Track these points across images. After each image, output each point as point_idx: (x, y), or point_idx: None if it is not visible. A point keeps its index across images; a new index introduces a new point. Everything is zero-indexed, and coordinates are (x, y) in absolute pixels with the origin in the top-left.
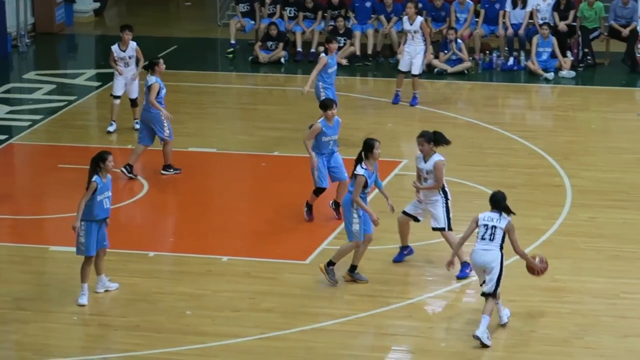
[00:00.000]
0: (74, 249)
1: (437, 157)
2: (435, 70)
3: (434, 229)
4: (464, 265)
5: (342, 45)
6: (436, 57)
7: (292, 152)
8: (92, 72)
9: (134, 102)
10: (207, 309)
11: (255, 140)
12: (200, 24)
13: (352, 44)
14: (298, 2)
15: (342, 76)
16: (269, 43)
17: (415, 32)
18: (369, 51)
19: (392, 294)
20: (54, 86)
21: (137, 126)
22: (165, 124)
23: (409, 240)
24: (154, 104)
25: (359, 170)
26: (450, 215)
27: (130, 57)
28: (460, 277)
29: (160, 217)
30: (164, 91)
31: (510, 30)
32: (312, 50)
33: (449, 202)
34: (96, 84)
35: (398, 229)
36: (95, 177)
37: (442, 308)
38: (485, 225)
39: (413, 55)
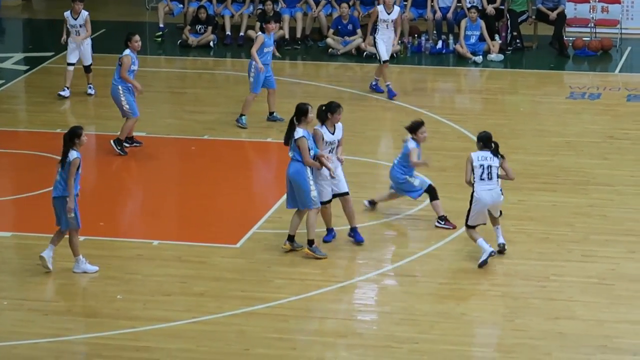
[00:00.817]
0: (3, 234)
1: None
2: (364, 53)
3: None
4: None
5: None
6: (364, 40)
7: (221, 135)
8: (20, 55)
9: (87, 68)
10: (138, 293)
11: (184, 123)
12: (128, 7)
13: (281, 28)
14: None
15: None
16: (198, 27)
17: (392, 21)
18: (298, 35)
19: (323, 277)
20: None
21: (90, 91)
22: (124, 100)
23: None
24: (126, 78)
25: (299, 133)
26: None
27: (81, 26)
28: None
29: (91, 201)
30: (135, 66)
31: (438, 14)
32: (241, 34)
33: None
34: (24, 67)
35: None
36: (76, 153)
37: (374, 291)
38: (482, 165)
39: (388, 43)
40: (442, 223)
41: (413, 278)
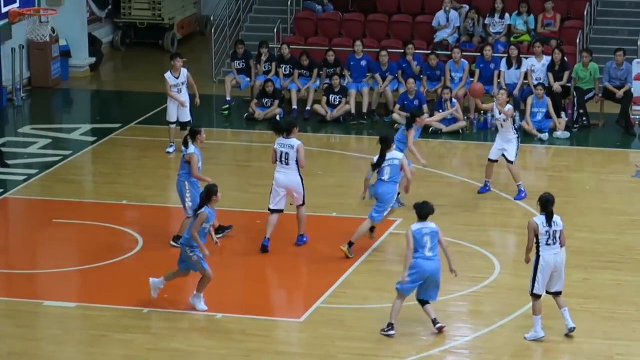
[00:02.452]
0: (67, 304)
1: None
2: (430, 129)
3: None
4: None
5: (337, 103)
6: (431, 116)
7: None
8: (87, 127)
9: (184, 125)
10: None
11: (249, 197)
12: (196, 79)
13: (347, 102)
14: (294, 60)
15: (337, 134)
16: (265, 100)
17: (505, 120)
18: (364, 110)
19: (387, 352)
20: (49, 141)
21: (171, 150)
22: (189, 196)
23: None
24: (198, 177)
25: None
26: None
27: (182, 84)
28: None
29: (155, 273)
30: (201, 162)
31: None
32: (308, 108)
33: None
34: (91, 139)
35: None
36: (205, 208)
37: None
38: (547, 232)
39: (503, 143)
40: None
41: (477, 355)
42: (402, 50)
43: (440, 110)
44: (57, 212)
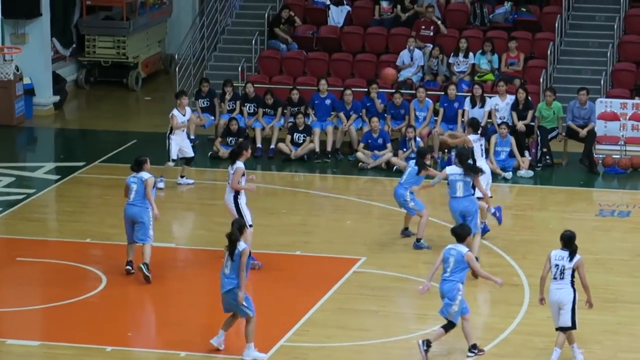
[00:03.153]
0: (30, 342)
1: None
2: (395, 168)
3: None
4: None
5: (301, 141)
6: (395, 155)
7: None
8: (51, 165)
9: (188, 161)
10: None
11: (214, 235)
12: (160, 118)
13: (311, 141)
14: (258, 99)
15: (301, 172)
16: (229, 138)
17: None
18: (328, 148)
19: None
20: (12, 179)
21: (182, 181)
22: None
23: None
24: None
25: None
26: None
27: (188, 120)
28: None
29: (119, 312)
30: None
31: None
32: (272, 146)
33: None
34: (55, 177)
35: None
36: (244, 243)
37: None
38: (557, 265)
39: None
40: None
41: None
42: (366, 89)
43: (404, 150)
44: (21, 251)
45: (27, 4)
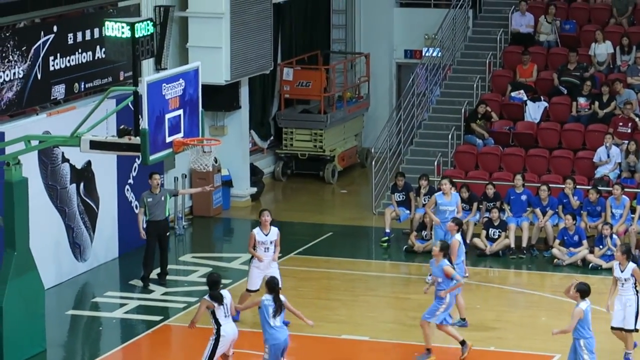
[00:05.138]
0: None
1: None
2: (590, 265)
3: None
4: None
5: (496, 237)
6: (591, 252)
7: (443, 342)
8: (247, 256)
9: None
10: None
11: (407, 329)
12: (356, 211)
13: (506, 236)
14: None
15: (496, 268)
16: (424, 232)
17: (626, 279)
18: (524, 244)
19: None
20: (209, 269)
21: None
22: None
23: None
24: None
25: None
26: None
27: (271, 242)
28: None
29: None
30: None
31: None
32: (467, 241)
33: None
34: None
35: None
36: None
37: None
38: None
39: (624, 306)
40: None
41: None
42: (563, 185)
43: (601, 247)
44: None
45: (227, 97)
